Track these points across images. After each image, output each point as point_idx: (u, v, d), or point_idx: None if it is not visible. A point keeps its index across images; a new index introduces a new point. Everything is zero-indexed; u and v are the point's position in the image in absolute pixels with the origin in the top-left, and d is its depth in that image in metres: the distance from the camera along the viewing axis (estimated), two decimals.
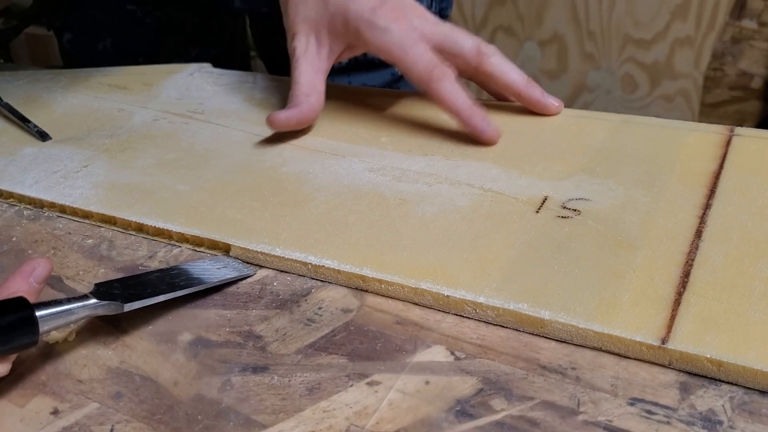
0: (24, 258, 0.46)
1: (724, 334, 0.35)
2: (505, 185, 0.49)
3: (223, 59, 0.88)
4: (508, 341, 0.37)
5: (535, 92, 0.57)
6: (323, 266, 0.42)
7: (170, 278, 0.41)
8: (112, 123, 0.62)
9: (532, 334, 0.38)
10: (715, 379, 0.34)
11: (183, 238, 0.47)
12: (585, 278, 0.39)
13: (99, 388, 0.36)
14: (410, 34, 0.55)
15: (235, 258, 0.45)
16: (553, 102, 0.57)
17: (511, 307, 0.38)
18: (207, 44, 0.87)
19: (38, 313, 0.34)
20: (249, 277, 0.43)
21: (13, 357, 0.35)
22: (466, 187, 0.49)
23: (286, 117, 0.55)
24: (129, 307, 0.38)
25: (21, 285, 0.37)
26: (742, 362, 0.33)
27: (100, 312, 0.37)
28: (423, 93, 0.56)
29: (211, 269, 0.43)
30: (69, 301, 0.36)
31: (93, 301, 0.37)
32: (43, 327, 0.35)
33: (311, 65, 0.57)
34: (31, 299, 0.36)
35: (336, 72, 0.85)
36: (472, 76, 0.58)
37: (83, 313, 0.36)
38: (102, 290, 0.38)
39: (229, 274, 0.43)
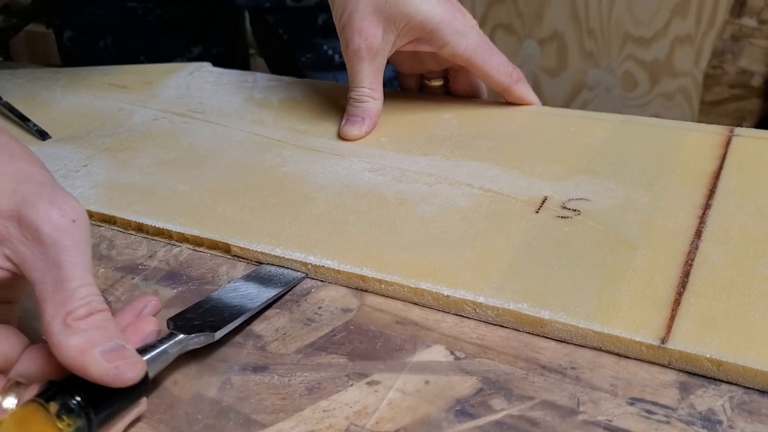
0: None
1: (723, 333, 0.35)
2: (504, 185, 0.49)
3: (224, 58, 0.88)
4: (508, 341, 0.38)
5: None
6: (323, 266, 0.42)
7: (238, 297, 0.40)
8: (111, 122, 0.62)
9: (532, 333, 0.38)
10: (715, 379, 0.34)
11: (183, 238, 0.47)
12: (585, 278, 0.39)
13: None
14: (483, 37, 0.57)
15: (277, 266, 0.44)
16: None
17: (511, 306, 0.38)
18: (208, 42, 0.87)
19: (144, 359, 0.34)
20: (302, 281, 0.43)
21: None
22: (466, 187, 0.49)
23: (361, 132, 0.56)
24: (220, 334, 0.37)
25: (134, 319, 0.37)
26: (741, 362, 0.33)
27: (192, 346, 0.36)
28: (499, 93, 0.59)
29: (265, 280, 0.42)
30: (161, 342, 0.35)
31: (183, 336, 0.36)
32: (150, 373, 0.34)
33: (374, 63, 0.56)
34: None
35: (335, 68, 0.85)
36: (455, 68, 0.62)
37: (176, 350, 0.36)
38: (180, 324, 0.37)
39: (286, 280, 0.42)
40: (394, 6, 0.54)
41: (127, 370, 0.31)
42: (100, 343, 0.31)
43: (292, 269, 0.43)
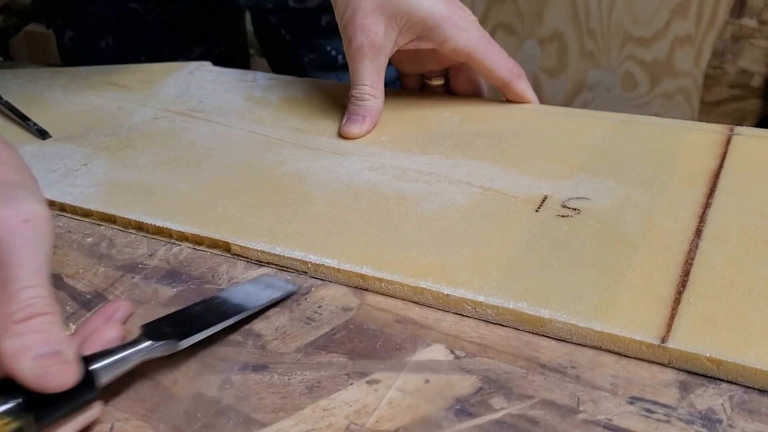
0: None
1: (723, 332, 0.35)
2: (504, 184, 0.49)
3: (225, 58, 0.88)
4: (508, 340, 0.37)
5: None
6: (323, 265, 0.42)
7: (216, 308, 0.39)
8: (111, 121, 0.62)
9: (532, 332, 0.38)
10: (715, 378, 0.34)
11: (183, 237, 0.47)
12: (585, 277, 0.39)
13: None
14: (483, 33, 0.57)
15: (274, 275, 0.43)
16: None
17: (511, 305, 0.38)
18: (209, 43, 0.87)
19: (92, 367, 0.33)
20: (293, 294, 0.42)
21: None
22: (466, 186, 0.49)
23: (362, 130, 0.56)
24: (184, 344, 0.36)
25: (101, 325, 0.36)
26: (741, 361, 0.33)
27: (156, 354, 0.36)
28: (499, 89, 0.60)
29: (254, 292, 0.41)
30: (123, 348, 0.35)
31: (147, 343, 0.35)
32: (102, 380, 0.33)
33: (376, 61, 0.57)
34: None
35: (338, 69, 0.85)
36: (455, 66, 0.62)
37: (138, 357, 0.35)
38: (150, 330, 0.37)
39: (274, 294, 0.41)
40: (395, 3, 0.54)
41: (56, 377, 0.30)
42: (36, 348, 0.30)
43: (292, 269, 0.43)
